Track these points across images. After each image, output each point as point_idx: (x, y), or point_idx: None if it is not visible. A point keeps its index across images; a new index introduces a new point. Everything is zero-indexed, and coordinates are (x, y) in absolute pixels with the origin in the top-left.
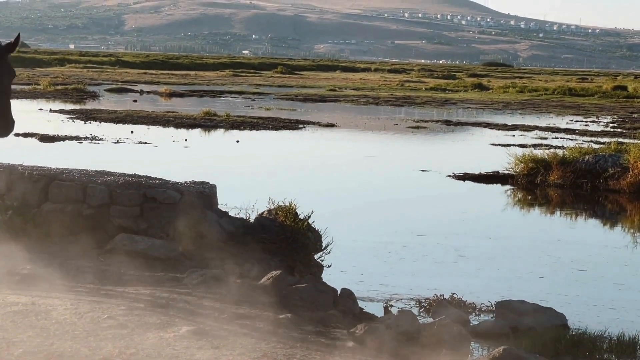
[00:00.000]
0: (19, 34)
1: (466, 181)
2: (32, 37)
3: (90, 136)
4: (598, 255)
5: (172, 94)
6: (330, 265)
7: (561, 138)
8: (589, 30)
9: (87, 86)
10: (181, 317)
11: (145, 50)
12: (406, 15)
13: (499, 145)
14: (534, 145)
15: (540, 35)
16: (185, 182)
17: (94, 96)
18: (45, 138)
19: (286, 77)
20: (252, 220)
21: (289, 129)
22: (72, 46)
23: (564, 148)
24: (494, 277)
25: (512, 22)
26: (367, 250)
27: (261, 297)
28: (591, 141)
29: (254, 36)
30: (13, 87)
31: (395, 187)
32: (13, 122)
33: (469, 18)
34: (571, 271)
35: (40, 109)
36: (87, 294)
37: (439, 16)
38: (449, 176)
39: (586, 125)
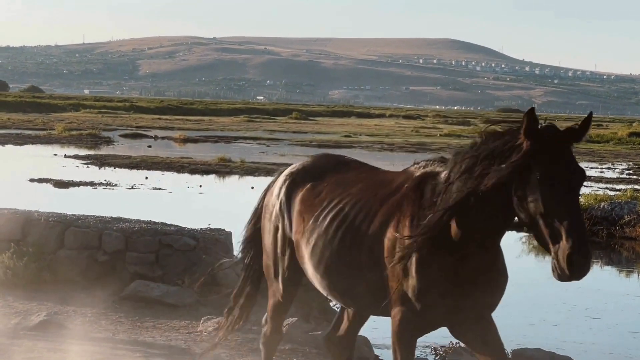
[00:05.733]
0: (590, 113)
1: None
2: (47, 82)
3: (104, 182)
4: (612, 303)
5: (186, 140)
6: None
7: None
8: (604, 77)
9: (102, 131)
10: None
11: (159, 95)
12: (421, 61)
13: None
14: None
15: (555, 81)
16: (201, 228)
17: (109, 142)
18: (60, 184)
19: (301, 123)
20: None
21: None
22: (86, 91)
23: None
24: (508, 325)
25: (527, 68)
26: None
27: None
28: (607, 188)
29: (268, 82)
30: (28, 132)
31: None
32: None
33: (483, 64)
34: (585, 319)
35: (55, 155)
36: (103, 341)
37: (453, 62)
38: None
39: (601, 172)
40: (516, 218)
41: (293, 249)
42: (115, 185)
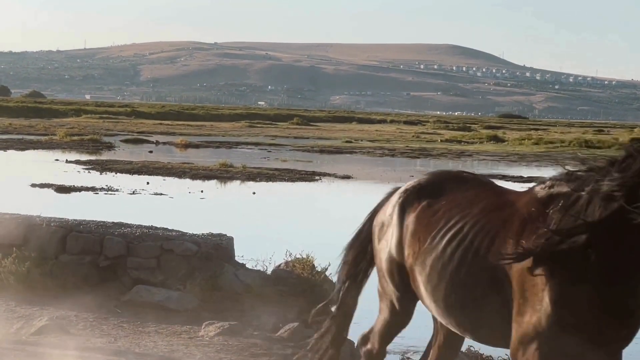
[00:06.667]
0: None
1: None
2: (48, 87)
3: (106, 187)
4: None
5: (187, 145)
6: None
7: None
8: (605, 82)
9: (103, 137)
10: None
11: (160, 100)
12: (422, 67)
13: None
14: None
15: (556, 87)
16: (202, 234)
17: (110, 147)
18: (62, 189)
19: (302, 128)
20: (269, 272)
21: (305, 181)
22: (88, 96)
23: None
24: None
25: (527, 74)
26: None
27: (278, 349)
28: None
29: (269, 87)
30: (29, 137)
31: None
32: None
33: (484, 70)
34: None
35: (57, 160)
36: (103, 347)
37: (454, 68)
38: None
39: None
40: None
41: (402, 271)
42: (117, 190)
